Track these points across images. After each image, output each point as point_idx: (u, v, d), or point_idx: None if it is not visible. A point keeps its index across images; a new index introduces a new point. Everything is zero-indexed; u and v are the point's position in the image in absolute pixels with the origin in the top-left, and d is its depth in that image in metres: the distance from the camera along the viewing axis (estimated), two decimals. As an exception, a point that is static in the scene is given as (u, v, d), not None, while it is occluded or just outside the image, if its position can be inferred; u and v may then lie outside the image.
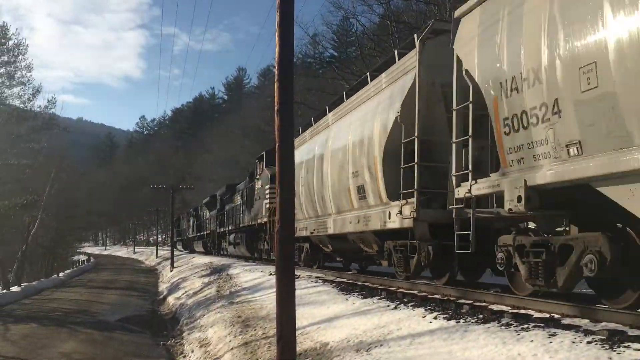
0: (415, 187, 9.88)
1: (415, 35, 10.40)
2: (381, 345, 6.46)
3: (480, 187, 8.07)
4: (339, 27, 45.23)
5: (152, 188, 50.11)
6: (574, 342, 4.94)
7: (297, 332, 7.23)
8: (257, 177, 26.82)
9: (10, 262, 32.65)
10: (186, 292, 21.17)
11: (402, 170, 10.32)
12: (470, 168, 8.33)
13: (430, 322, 6.80)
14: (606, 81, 5.74)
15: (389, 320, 7.38)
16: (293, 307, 6.80)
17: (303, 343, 7.67)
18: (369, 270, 16.68)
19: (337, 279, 13.61)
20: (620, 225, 6.38)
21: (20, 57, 32.35)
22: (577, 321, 5.95)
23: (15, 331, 14.61)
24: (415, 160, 9.92)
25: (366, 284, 11.84)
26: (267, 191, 23.71)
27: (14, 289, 24.92)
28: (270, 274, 15.80)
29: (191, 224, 55.75)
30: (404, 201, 10.24)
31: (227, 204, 35.67)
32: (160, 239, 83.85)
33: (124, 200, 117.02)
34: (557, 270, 6.90)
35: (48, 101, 35.54)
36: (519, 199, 7.04)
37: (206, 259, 34.65)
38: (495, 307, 7.25)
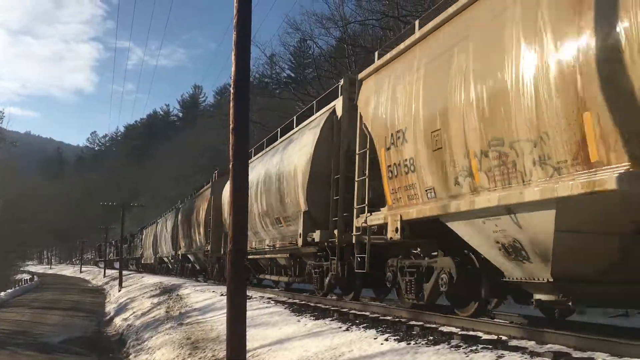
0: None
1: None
2: (332, 367, 6.42)
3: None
4: (296, 48, 45.65)
5: (103, 205, 49.39)
6: (520, 364, 5.03)
7: (248, 354, 7.13)
8: (135, 235, 61.74)
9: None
10: (134, 312, 20.61)
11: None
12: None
13: (382, 344, 6.81)
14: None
15: (340, 342, 7.35)
16: (244, 329, 6.72)
17: (253, 365, 7.56)
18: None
19: (290, 300, 13.51)
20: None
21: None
22: (524, 343, 6.06)
23: (-50, 353, 13.91)
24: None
25: (318, 305, 11.80)
26: (139, 244, 57.51)
27: (-49, 308, 23.76)
28: (222, 295, 15.56)
29: (112, 250, 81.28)
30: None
31: (131, 242, 65.63)
32: (107, 258, 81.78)
33: (72, 217, 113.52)
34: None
35: (-6, 113, 34.35)
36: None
37: (156, 279, 33.90)
38: (445, 329, 7.33)
